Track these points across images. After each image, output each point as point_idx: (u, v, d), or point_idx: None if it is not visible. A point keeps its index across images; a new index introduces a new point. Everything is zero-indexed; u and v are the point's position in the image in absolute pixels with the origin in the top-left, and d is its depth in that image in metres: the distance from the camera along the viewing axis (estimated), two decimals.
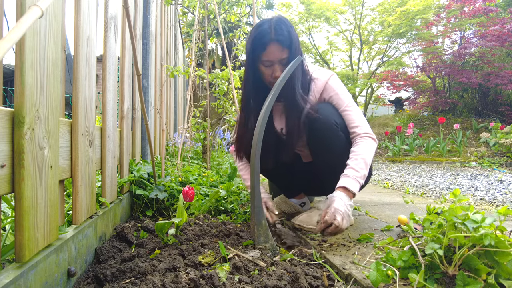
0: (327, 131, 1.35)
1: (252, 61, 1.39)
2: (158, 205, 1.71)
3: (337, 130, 1.35)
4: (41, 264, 0.74)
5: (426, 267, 0.86)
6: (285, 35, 1.29)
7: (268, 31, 1.30)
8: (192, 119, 3.09)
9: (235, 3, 3.24)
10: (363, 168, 1.27)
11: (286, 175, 1.65)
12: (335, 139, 1.36)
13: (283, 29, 1.29)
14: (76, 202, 0.99)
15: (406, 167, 5.43)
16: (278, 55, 1.31)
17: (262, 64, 1.36)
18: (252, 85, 1.44)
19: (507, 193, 2.77)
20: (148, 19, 2.08)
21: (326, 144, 1.37)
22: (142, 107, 1.42)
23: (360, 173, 1.26)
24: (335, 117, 1.37)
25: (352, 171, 1.26)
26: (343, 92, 1.43)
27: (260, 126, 1.20)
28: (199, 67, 3.72)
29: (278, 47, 1.30)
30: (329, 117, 1.35)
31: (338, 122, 1.36)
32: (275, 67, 1.34)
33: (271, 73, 1.36)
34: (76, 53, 1.00)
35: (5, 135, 0.66)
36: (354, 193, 1.22)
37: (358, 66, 11.91)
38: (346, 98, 1.42)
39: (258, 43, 1.32)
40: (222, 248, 1.04)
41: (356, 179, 1.24)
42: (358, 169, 1.26)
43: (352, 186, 1.22)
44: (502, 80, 7.62)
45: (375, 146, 1.36)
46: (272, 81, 1.37)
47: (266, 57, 1.33)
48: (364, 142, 1.34)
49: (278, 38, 1.28)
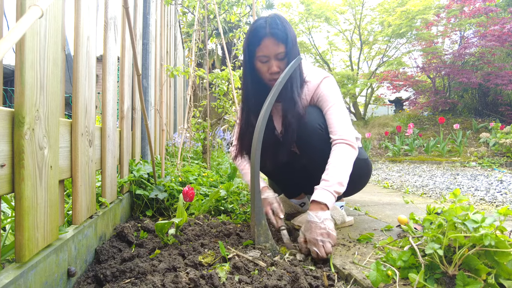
0: (312, 135, 1.34)
1: (248, 58, 1.38)
2: (158, 205, 1.71)
3: (322, 134, 1.34)
4: (41, 264, 0.74)
5: (426, 267, 0.86)
6: (280, 29, 1.28)
7: (263, 26, 1.30)
8: (192, 119, 3.09)
9: (235, 3, 3.24)
10: (336, 176, 1.21)
11: (286, 175, 1.65)
12: (320, 142, 1.34)
13: (277, 24, 1.29)
14: (76, 202, 0.99)
15: (406, 167, 5.43)
16: (274, 49, 1.30)
17: (258, 60, 1.35)
18: (250, 84, 1.43)
19: (507, 193, 2.77)
20: (148, 19, 2.08)
21: (311, 146, 1.37)
22: (142, 107, 1.42)
23: (331, 181, 1.20)
24: (319, 121, 1.35)
25: (323, 182, 1.22)
26: (330, 94, 1.37)
27: (260, 126, 1.20)
28: (199, 67, 3.72)
29: (273, 41, 1.29)
30: (314, 120, 1.34)
31: (323, 126, 1.34)
32: (271, 63, 1.32)
33: (267, 69, 1.34)
34: (76, 53, 1.00)
35: (5, 135, 0.66)
36: (325, 204, 1.17)
37: (358, 66, 11.91)
38: (331, 100, 1.36)
39: (253, 38, 1.32)
40: (222, 248, 1.04)
41: (326, 190, 1.19)
42: (329, 179, 1.21)
43: (322, 197, 1.17)
44: (502, 80, 7.62)
45: (352, 151, 1.28)
46: (269, 77, 1.36)
47: (262, 52, 1.31)
48: (338, 149, 1.27)
49: (273, 31, 1.28)
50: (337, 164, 1.24)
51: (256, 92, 1.43)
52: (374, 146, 8.26)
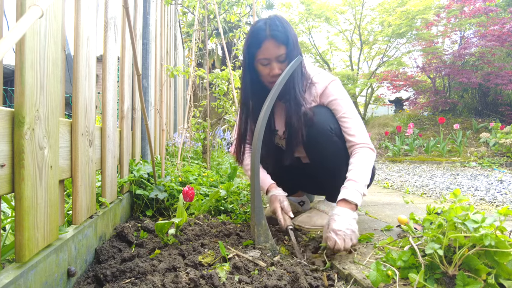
0: (321, 136, 1.33)
1: (248, 61, 1.36)
2: (158, 205, 1.71)
3: (332, 136, 1.33)
4: (41, 264, 0.74)
5: (426, 267, 0.86)
6: (281, 31, 1.27)
7: (263, 28, 1.28)
8: (192, 119, 3.09)
9: (235, 3, 3.24)
10: (363, 178, 1.22)
11: (285, 173, 1.66)
12: (330, 144, 1.34)
13: (278, 25, 1.27)
14: (76, 202, 0.99)
15: (406, 167, 5.43)
16: (274, 51, 1.28)
17: (259, 63, 1.33)
18: (250, 87, 1.41)
19: (507, 193, 2.77)
20: (148, 19, 2.08)
21: (320, 148, 1.36)
22: (142, 107, 1.42)
23: (359, 183, 1.21)
24: (331, 122, 1.34)
25: (352, 182, 1.21)
26: (343, 98, 1.37)
27: (260, 126, 1.19)
28: (199, 67, 3.72)
29: (274, 43, 1.27)
30: (324, 122, 1.33)
31: (333, 128, 1.34)
32: (272, 65, 1.31)
33: (268, 72, 1.32)
34: (76, 53, 1.00)
35: (5, 135, 0.66)
36: (355, 203, 1.17)
37: (358, 66, 11.92)
38: (345, 105, 1.36)
39: (253, 41, 1.30)
40: (222, 248, 1.04)
41: (356, 190, 1.20)
42: (357, 180, 1.21)
43: (353, 197, 1.18)
44: (502, 80, 7.62)
45: (373, 156, 1.31)
46: (270, 80, 1.34)
47: (263, 55, 1.30)
48: (362, 152, 1.29)
49: (273, 33, 1.26)
50: (362, 166, 1.25)
51: (256, 94, 1.41)
52: (374, 146, 8.25)
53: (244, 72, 1.42)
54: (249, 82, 1.41)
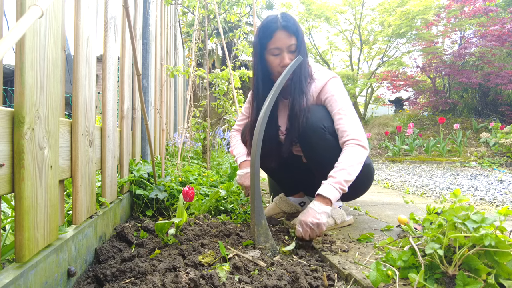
0: (314, 134, 1.35)
1: (259, 52, 1.40)
2: (158, 205, 1.71)
3: (324, 134, 1.34)
4: (41, 264, 0.74)
5: (426, 267, 0.86)
6: (292, 22, 1.33)
7: (275, 20, 1.34)
8: (192, 119, 3.09)
9: (235, 3, 3.24)
10: (344, 175, 1.23)
11: (286, 173, 1.66)
12: (322, 142, 1.35)
13: (289, 18, 1.34)
14: (76, 202, 0.99)
15: (406, 167, 5.43)
16: (286, 41, 1.33)
17: (270, 53, 1.38)
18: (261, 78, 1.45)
19: (507, 193, 2.77)
20: (148, 19, 2.08)
21: (313, 146, 1.38)
22: (142, 107, 1.42)
23: (338, 178, 1.23)
24: (324, 120, 1.35)
25: (331, 178, 1.25)
26: (339, 95, 1.38)
27: (260, 126, 1.20)
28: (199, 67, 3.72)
29: (285, 33, 1.33)
30: (317, 120, 1.35)
31: (326, 126, 1.35)
32: (283, 55, 1.35)
33: (279, 62, 1.37)
34: (76, 53, 1.00)
35: (5, 135, 0.66)
36: (329, 198, 1.21)
37: (358, 66, 11.91)
38: (341, 102, 1.36)
39: (265, 32, 1.35)
40: (222, 248, 1.04)
41: (332, 185, 1.22)
42: (336, 176, 1.23)
43: (327, 192, 1.21)
44: (502, 80, 7.62)
45: (364, 153, 1.30)
46: (280, 70, 1.37)
47: (274, 45, 1.35)
48: (349, 149, 1.29)
49: (284, 24, 1.32)
50: (346, 162, 1.26)
51: (266, 85, 1.44)
52: (374, 146, 8.26)
53: (255, 65, 1.46)
54: (261, 75, 1.44)
